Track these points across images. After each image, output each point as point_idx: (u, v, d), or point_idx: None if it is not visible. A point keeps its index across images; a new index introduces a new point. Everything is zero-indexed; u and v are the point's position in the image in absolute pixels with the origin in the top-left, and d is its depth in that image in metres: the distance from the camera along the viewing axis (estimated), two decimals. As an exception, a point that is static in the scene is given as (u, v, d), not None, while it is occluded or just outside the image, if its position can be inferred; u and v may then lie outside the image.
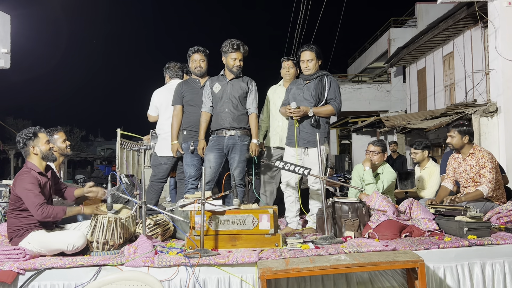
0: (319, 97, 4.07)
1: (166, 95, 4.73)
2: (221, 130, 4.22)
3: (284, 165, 3.68)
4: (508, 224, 3.77)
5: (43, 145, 3.35)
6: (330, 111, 4.09)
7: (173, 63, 4.94)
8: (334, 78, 4.20)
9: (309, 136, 4.05)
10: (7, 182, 5.83)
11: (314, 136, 3.93)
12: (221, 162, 4.26)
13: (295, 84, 4.29)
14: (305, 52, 4.12)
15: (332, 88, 4.11)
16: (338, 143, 22.95)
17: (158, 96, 4.80)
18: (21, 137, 3.34)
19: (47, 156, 3.37)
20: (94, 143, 42.58)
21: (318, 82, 4.10)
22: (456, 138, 4.17)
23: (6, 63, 6.25)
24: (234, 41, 4.18)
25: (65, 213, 3.23)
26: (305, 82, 4.18)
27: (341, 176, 11.78)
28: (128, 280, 2.41)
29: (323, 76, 4.13)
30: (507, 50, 8.13)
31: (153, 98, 4.83)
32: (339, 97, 4.13)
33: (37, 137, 3.34)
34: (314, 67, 4.12)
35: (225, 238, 3.28)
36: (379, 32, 21.44)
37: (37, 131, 3.38)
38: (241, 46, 4.18)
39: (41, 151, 3.34)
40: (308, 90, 4.11)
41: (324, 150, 4.04)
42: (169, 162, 4.68)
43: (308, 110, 4.01)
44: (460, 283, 3.14)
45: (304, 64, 4.13)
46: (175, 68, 4.90)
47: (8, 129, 21.01)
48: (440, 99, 13.62)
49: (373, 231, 3.51)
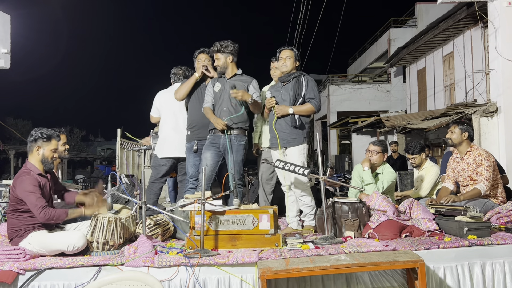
0: (296, 96, 4.06)
1: (167, 97, 4.76)
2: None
3: (284, 165, 3.68)
4: (508, 224, 3.77)
5: (48, 151, 3.36)
6: (310, 109, 4.10)
7: (178, 68, 4.96)
8: (311, 78, 4.20)
9: (287, 135, 4.05)
10: (7, 182, 5.82)
11: (293, 136, 4.01)
12: (218, 161, 4.26)
13: (274, 87, 4.32)
14: (284, 50, 4.15)
15: (310, 87, 4.11)
16: (338, 143, 22.94)
17: (160, 97, 4.85)
18: (37, 133, 3.35)
19: (46, 162, 3.38)
20: (94, 143, 42.59)
21: (295, 83, 4.09)
22: (456, 133, 4.21)
23: (6, 63, 6.25)
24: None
25: (67, 216, 3.24)
26: (283, 84, 4.18)
27: (341, 176, 11.79)
28: (128, 280, 2.41)
29: (299, 76, 4.12)
30: (507, 50, 8.12)
31: (155, 99, 4.88)
32: (317, 95, 4.14)
33: (49, 142, 3.37)
34: (291, 65, 4.11)
35: (225, 238, 3.28)
36: (379, 32, 21.44)
37: (53, 136, 3.40)
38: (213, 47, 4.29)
39: (44, 155, 3.35)
40: (286, 91, 4.12)
41: (304, 149, 4.07)
42: (168, 163, 4.69)
43: (287, 109, 4.03)
44: (460, 283, 3.14)
45: (282, 61, 4.13)
46: (178, 73, 4.93)
47: (8, 129, 21.02)
48: (440, 99, 13.62)
49: (373, 231, 3.51)
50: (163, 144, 4.70)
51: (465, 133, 4.19)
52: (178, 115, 4.71)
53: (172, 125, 4.71)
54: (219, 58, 4.29)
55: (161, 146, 4.74)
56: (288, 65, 4.11)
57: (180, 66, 4.98)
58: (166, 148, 4.67)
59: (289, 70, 4.13)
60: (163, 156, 4.68)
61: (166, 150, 4.67)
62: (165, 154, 4.67)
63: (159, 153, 4.73)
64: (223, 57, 4.27)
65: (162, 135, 4.76)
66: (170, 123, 4.71)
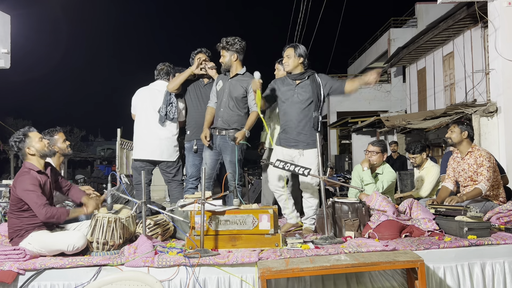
0: (318, 97, 3.94)
1: (144, 94, 4.58)
2: (215, 129, 4.24)
3: (284, 165, 3.66)
4: (508, 224, 3.77)
5: (37, 143, 3.31)
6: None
7: (162, 65, 4.71)
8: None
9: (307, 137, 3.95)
10: (7, 182, 5.83)
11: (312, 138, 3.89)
12: (217, 159, 4.25)
13: (284, 83, 4.07)
14: (285, 50, 4.03)
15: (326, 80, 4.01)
16: (338, 143, 22.94)
17: (136, 95, 4.64)
18: (13, 141, 3.29)
19: (44, 153, 3.34)
20: (94, 143, 42.58)
21: (312, 82, 3.95)
22: (456, 132, 4.20)
23: (6, 63, 6.26)
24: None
25: (68, 215, 3.24)
26: (295, 82, 4.00)
27: (341, 176, 11.79)
28: (128, 280, 2.41)
29: (313, 75, 4.00)
30: (507, 50, 8.12)
31: (133, 96, 4.66)
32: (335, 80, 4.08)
33: (28, 137, 3.30)
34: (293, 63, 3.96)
35: (225, 238, 3.28)
36: (379, 32, 21.44)
37: (27, 131, 3.33)
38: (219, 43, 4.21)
39: (37, 149, 3.30)
40: (305, 91, 3.95)
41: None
42: (143, 165, 4.45)
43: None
44: (460, 283, 3.14)
45: (284, 60, 4.01)
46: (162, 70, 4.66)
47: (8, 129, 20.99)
48: (440, 99, 13.62)
49: (373, 231, 3.51)
50: (136, 145, 4.51)
51: (465, 132, 4.18)
52: (151, 115, 4.46)
53: (144, 125, 4.48)
54: (224, 55, 4.21)
55: (135, 147, 4.55)
56: (290, 64, 3.97)
57: (164, 63, 4.73)
58: (138, 149, 4.48)
59: (291, 69, 3.98)
60: (136, 158, 4.50)
61: (138, 152, 4.47)
62: (137, 155, 4.48)
63: (133, 154, 4.58)
64: (228, 54, 4.20)
65: (135, 135, 4.55)
66: (142, 123, 4.50)
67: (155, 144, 4.41)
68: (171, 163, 4.49)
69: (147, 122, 4.46)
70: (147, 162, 4.47)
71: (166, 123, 4.43)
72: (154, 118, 4.44)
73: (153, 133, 4.42)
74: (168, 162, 4.47)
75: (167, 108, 4.42)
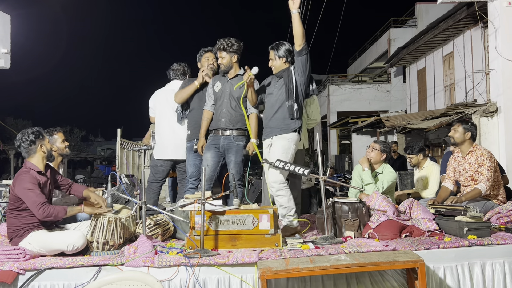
0: (290, 83, 3.78)
1: (161, 96, 4.70)
2: (218, 130, 4.22)
3: (284, 165, 3.65)
4: (508, 224, 3.77)
5: (47, 144, 3.41)
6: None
7: (177, 64, 4.86)
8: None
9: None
10: (7, 182, 5.82)
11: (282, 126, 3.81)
12: (218, 161, 4.24)
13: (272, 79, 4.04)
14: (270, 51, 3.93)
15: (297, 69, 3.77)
16: (338, 143, 22.95)
17: (154, 97, 4.80)
18: (28, 135, 3.34)
19: (50, 155, 3.44)
20: (94, 143, 42.56)
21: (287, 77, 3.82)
22: (459, 132, 4.16)
23: (6, 63, 6.26)
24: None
25: (65, 213, 3.24)
26: (278, 78, 3.94)
27: (341, 176, 11.79)
28: (128, 280, 2.41)
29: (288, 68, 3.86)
30: (507, 50, 8.12)
31: (151, 99, 4.84)
32: (304, 71, 3.77)
33: (44, 137, 3.40)
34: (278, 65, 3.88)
35: (225, 238, 3.28)
36: (379, 32, 21.44)
37: (42, 131, 3.44)
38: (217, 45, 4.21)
39: (47, 150, 3.40)
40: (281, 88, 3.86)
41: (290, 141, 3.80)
42: (165, 164, 4.66)
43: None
44: (460, 283, 3.14)
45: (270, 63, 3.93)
46: (178, 70, 4.80)
47: (8, 129, 21.01)
48: (440, 99, 13.62)
49: (373, 231, 3.51)
50: (159, 145, 4.67)
51: (468, 133, 4.14)
52: (171, 115, 4.61)
53: (165, 125, 4.64)
54: (223, 57, 4.20)
55: (157, 147, 4.71)
56: (275, 66, 3.91)
57: (180, 63, 4.88)
58: (161, 149, 4.63)
59: (277, 70, 3.92)
60: (159, 158, 4.66)
61: (161, 152, 4.62)
62: (160, 156, 4.64)
63: (155, 154, 4.71)
64: (228, 56, 4.19)
65: (158, 136, 4.72)
66: (163, 123, 4.65)
67: (178, 144, 4.55)
68: None
69: (168, 122, 4.61)
70: (170, 161, 4.61)
71: (183, 121, 4.56)
72: (174, 118, 4.58)
73: (175, 133, 4.57)
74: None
75: (183, 107, 4.52)
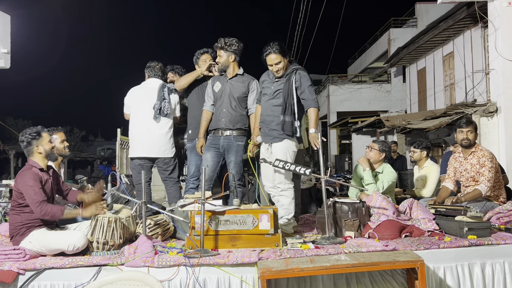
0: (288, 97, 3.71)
1: (138, 93, 4.55)
2: (218, 130, 4.22)
3: (284, 165, 3.66)
4: (508, 224, 3.77)
5: (46, 144, 3.41)
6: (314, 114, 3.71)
7: (155, 63, 4.69)
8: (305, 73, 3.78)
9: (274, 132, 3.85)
10: (7, 182, 5.83)
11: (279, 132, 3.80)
12: (218, 161, 4.24)
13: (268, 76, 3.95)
14: (269, 56, 3.75)
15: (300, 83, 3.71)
16: (338, 143, 22.95)
17: (130, 94, 4.60)
18: (25, 136, 3.38)
19: (50, 155, 3.44)
20: (94, 143, 42.58)
21: (286, 83, 3.74)
22: (474, 134, 4.12)
23: (6, 63, 6.27)
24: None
25: (62, 214, 3.24)
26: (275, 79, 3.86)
27: (341, 176, 11.78)
28: (128, 280, 2.41)
29: (291, 73, 3.77)
30: (507, 50, 8.13)
31: (126, 96, 4.63)
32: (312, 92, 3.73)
33: (41, 137, 3.40)
34: (284, 68, 3.79)
35: (225, 238, 3.28)
36: (379, 32, 21.45)
37: (41, 130, 3.43)
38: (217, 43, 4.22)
39: (45, 150, 3.39)
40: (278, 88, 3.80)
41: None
42: (143, 162, 4.42)
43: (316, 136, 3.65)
44: (460, 283, 3.14)
45: (273, 68, 3.79)
46: (155, 68, 4.64)
47: (8, 129, 21.02)
48: (440, 99, 13.62)
49: (373, 231, 3.51)
50: (134, 143, 4.49)
51: (476, 135, 4.18)
52: (147, 113, 4.41)
53: (140, 123, 4.44)
54: (221, 55, 4.21)
55: (132, 145, 4.53)
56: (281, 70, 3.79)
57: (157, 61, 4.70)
58: (136, 147, 4.45)
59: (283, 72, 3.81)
60: (134, 156, 4.48)
61: (136, 149, 4.45)
62: (135, 153, 4.46)
63: (130, 153, 4.56)
64: (226, 55, 4.20)
65: (131, 133, 4.53)
66: (138, 121, 4.47)
67: (153, 141, 4.39)
68: (168, 160, 4.45)
69: (143, 119, 4.43)
70: (145, 159, 4.45)
71: (160, 119, 4.41)
72: (150, 116, 4.41)
73: (150, 130, 4.40)
74: (165, 159, 4.44)
75: (161, 104, 4.40)
